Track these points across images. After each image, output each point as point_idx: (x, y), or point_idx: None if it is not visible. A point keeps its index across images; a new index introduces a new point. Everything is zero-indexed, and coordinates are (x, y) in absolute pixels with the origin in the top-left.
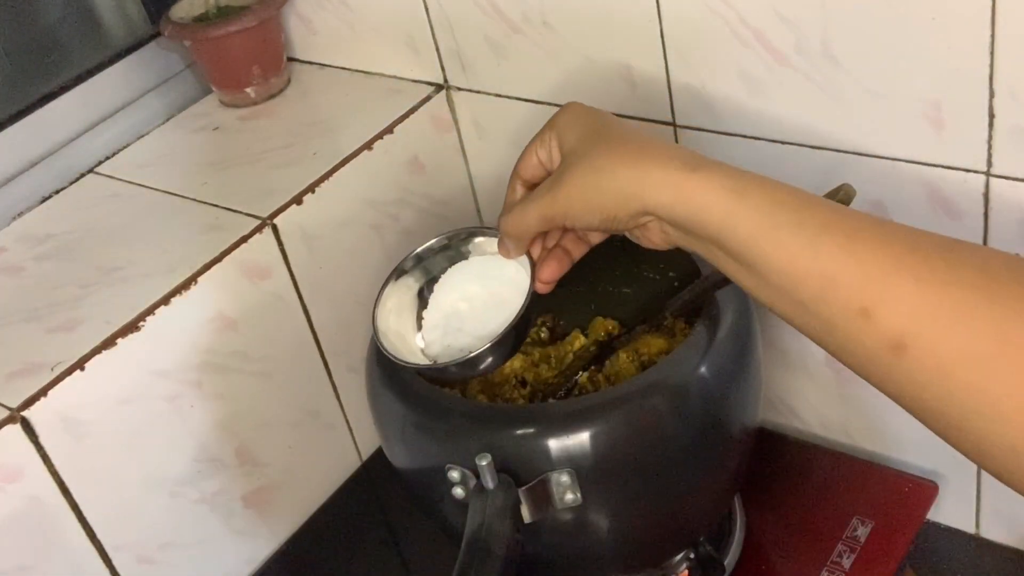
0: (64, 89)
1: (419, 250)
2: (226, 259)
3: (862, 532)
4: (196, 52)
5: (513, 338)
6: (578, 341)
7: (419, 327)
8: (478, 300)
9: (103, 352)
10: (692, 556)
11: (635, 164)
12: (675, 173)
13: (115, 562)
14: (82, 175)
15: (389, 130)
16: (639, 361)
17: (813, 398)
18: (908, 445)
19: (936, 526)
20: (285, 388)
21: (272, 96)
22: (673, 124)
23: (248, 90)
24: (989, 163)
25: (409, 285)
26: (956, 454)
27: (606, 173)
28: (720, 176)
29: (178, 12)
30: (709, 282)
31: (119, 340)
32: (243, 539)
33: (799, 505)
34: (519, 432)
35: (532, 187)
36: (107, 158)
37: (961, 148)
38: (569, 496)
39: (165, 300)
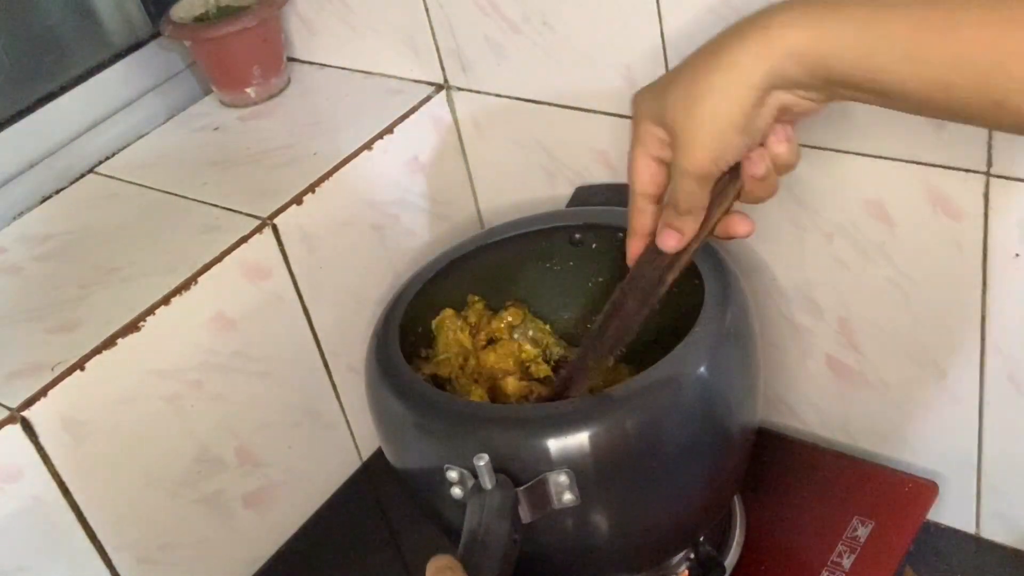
0: (64, 89)
1: None
2: (226, 259)
3: (862, 532)
4: (196, 52)
5: None
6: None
7: None
8: None
9: (103, 352)
10: (692, 556)
11: (730, 65)
12: (774, 41)
13: (115, 562)
14: (82, 175)
15: (389, 130)
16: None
17: (813, 398)
18: (908, 445)
19: (936, 526)
20: (285, 388)
21: (272, 96)
22: None
23: (248, 90)
24: (989, 163)
25: None
26: (956, 454)
27: (712, 92)
28: (809, 21)
29: (178, 12)
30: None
31: (119, 340)
32: (243, 539)
33: (799, 505)
34: (517, 432)
35: (659, 200)
36: (107, 158)
37: (961, 148)
38: (567, 496)
39: (165, 300)
